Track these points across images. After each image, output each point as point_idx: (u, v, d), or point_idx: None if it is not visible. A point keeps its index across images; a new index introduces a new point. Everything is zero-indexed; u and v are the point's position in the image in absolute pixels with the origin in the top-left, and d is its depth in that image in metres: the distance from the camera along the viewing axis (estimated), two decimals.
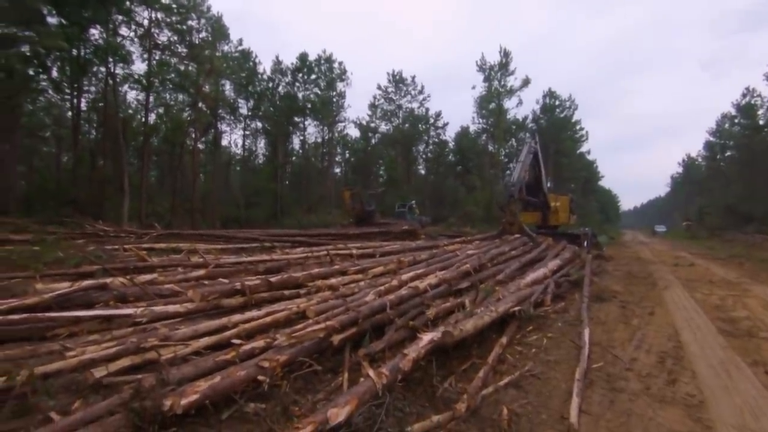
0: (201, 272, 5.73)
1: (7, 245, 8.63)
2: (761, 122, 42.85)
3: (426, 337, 3.68)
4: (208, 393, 2.67)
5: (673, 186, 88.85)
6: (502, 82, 42.39)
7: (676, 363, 4.32)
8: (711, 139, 55.84)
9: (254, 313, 4.19)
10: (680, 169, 78.39)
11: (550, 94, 50.62)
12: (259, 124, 40.48)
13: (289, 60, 40.94)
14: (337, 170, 48.68)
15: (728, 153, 51.65)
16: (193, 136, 32.23)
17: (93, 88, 27.92)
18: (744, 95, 45.11)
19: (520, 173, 15.00)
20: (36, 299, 3.80)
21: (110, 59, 22.97)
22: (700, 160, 66.14)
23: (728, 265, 14.16)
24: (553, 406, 3.29)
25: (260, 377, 2.97)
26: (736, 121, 47.70)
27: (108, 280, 4.59)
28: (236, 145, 42.83)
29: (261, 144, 43.43)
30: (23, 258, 6.94)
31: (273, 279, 5.13)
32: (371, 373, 3.03)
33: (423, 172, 51.15)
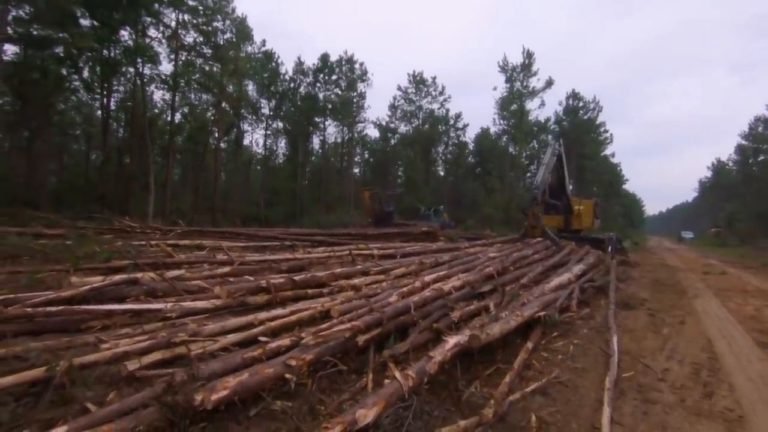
0: (226, 269, 5.81)
1: (41, 239, 8.93)
2: None
3: (452, 340, 3.64)
4: (236, 389, 2.69)
5: (701, 191, 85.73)
6: (525, 84, 41.76)
7: (711, 375, 4.16)
8: (743, 142, 53.77)
9: (279, 311, 4.22)
10: (709, 174, 75.67)
11: (574, 96, 49.67)
12: (280, 124, 40.99)
13: (311, 61, 41.29)
14: (356, 170, 48.83)
15: (762, 157, 49.61)
16: (216, 135, 32.86)
17: (122, 88, 28.77)
18: None
19: (544, 176, 14.76)
20: (72, 292, 3.92)
21: (138, 60, 23.58)
22: (731, 164, 63.69)
23: (762, 273, 13.59)
24: (583, 415, 3.20)
25: (287, 375, 2.98)
26: None
27: (139, 275, 4.70)
28: (257, 145, 43.45)
29: (282, 144, 43.95)
30: (57, 252, 7.17)
31: (297, 278, 5.16)
32: (398, 375, 3.01)
33: (442, 173, 50.87)
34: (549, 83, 41.44)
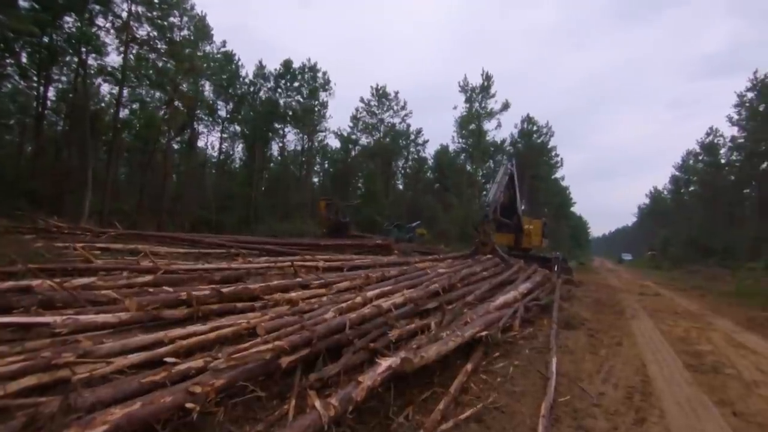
0: (148, 278, 5.24)
1: None
2: (723, 161, 45.08)
3: (384, 363, 3.38)
4: (121, 423, 2.28)
5: (639, 216, 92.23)
6: (483, 104, 43.21)
7: (644, 399, 4.16)
8: (676, 173, 58.35)
9: (197, 327, 3.79)
10: (647, 201, 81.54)
11: (529, 120, 51.84)
12: (238, 128, 39.71)
13: (273, 66, 40.50)
14: (315, 180, 48.17)
15: (692, 188, 53.99)
16: (168, 135, 31.28)
17: (64, 78, 26.77)
18: (708, 134, 47.46)
19: (496, 194, 15.05)
20: None
21: (83, 49, 22.04)
22: (665, 192, 68.97)
23: (690, 296, 14.49)
24: None
25: (188, 405, 2.59)
26: (700, 158, 50.06)
27: (35, 282, 4.09)
28: (213, 148, 41.85)
29: (239, 148, 42.61)
30: None
31: (225, 289, 4.73)
32: (318, 404, 2.71)
33: (401, 187, 51.23)
34: (506, 106, 43.12)
